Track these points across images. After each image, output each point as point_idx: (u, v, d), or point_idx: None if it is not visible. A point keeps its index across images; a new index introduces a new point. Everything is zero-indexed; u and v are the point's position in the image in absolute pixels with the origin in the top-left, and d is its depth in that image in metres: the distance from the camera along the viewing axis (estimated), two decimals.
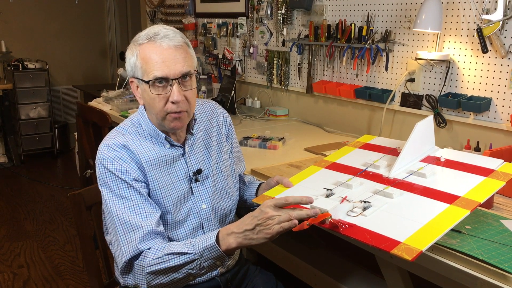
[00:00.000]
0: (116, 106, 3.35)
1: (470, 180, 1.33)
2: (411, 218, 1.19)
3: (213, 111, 1.58)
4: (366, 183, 1.40)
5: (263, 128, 2.89)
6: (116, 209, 1.31)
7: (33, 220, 3.73)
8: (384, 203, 1.28)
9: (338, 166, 1.56)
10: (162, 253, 1.25)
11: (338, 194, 1.35)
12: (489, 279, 1.16)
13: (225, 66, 3.73)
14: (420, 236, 1.12)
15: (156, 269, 1.24)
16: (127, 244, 1.28)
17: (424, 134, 1.50)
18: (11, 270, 2.98)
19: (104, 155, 1.34)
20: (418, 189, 1.32)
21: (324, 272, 2.06)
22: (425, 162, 1.46)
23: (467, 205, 1.21)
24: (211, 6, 3.85)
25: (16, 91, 4.91)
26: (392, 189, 1.33)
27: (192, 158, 1.46)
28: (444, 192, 1.28)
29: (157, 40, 1.30)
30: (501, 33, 2.01)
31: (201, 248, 1.21)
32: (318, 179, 1.49)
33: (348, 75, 2.75)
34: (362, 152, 1.62)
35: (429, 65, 2.31)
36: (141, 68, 1.31)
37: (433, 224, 1.16)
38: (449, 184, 1.33)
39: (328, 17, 2.81)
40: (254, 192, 1.61)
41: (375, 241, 1.13)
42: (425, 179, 1.37)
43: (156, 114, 1.35)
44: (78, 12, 5.71)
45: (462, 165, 1.41)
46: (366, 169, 1.48)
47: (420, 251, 1.06)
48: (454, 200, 1.24)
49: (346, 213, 1.25)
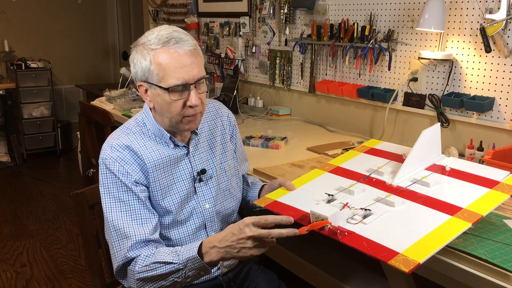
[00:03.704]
0: (119, 105, 3.35)
1: (474, 191, 1.31)
2: (411, 229, 1.18)
3: (217, 111, 1.58)
4: (368, 190, 1.39)
5: (266, 127, 2.88)
6: (111, 215, 1.32)
7: (36, 219, 3.74)
8: (385, 211, 1.27)
9: (342, 170, 1.55)
10: (150, 261, 1.27)
11: (339, 199, 1.35)
12: (492, 278, 1.16)
13: (227, 66, 3.73)
14: (419, 247, 1.11)
15: (144, 276, 1.28)
16: (119, 251, 1.32)
17: (430, 141, 1.48)
18: (14, 269, 2.99)
19: (107, 155, 1.34)
20: (420, 198, 1.31)
21: (326, 271, 2.06)
22: (430, 171, 1.44)
23: (469, 218, 1.20)
24: (213, 6, 3.85)
25: (19, 90, 4.92)
26: (394, 197, 1.32)
27: (196, 158, 1.46)
28: (446, 203, 1.27)
29: (172, 45, 1.29)
30: (504, 32, 2.00)
31: (184, 259, 1.23)
32: (320, 183, 1.48)
33: (351, 74, 2.75)
34: (367, 157, 1.61)
35: (432, 64, 2.30)
36: (157, 75, 1.30)
37: (432, 236, 1.15)
38: (453, 194, 1.31)
39: (330, 16, 2.81)
40: (257, 194, 1.61)
41: (373, 250, 1.12)
42: (429, 188, 1.35)
43: (172, 118, 1.35)
44: (81, 11, 5.72)
45: (467, 176, 1.39)
46: (369, 175, 1.47)
47: (418, 263, 1.05)
48: (456, 212, 1.23)
49: (346, 220, 1.24)
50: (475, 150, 2.04)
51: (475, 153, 2.03)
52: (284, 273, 2.12)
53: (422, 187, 1.36)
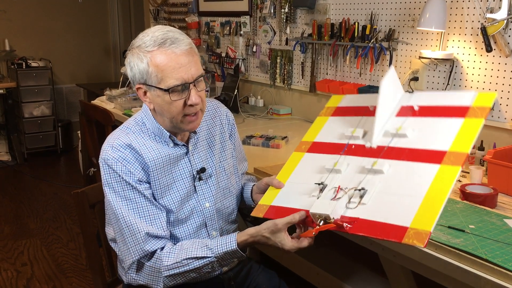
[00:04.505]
0: (120, 105, 3.35)
1: (450, 126, 1.27)
2: (409, 193, 1.17)
3: (216, 110, 1.58)
4: (352, 162, 1.35)
5: (266, 127, 2.89)
6: (122, 211, 1.33)
7: (37, 218, 3.74)
8: (378, 182, 1.24)
9: (319, 146, 1.50)
10: (181, 257, 1.30)
11: (330, 184, 1.32)
12: (492, 278, 1.16)
13: (228, 65, 3.73)
14: (424, 214, 1.10)
15: (175, 272, 1.31)
16: (134, 246, 1.33)
17: (391, 87, 1.43)
18: (15, 268, 2.99)
19: (109, 156, 1.34)
20: (404, 154, 1.28)
21: (327, 271, 2.06)
22: (401, 116, 1.39)
23: (456, 161, 1.18)
24: (214, 5, 3.85)
25: (19, 89, 4.92)
26: (380, 162, 1.28)
27: (196, 157, 1.46)
28: (430, 151, 1.24)
29: (168, 46, 1.29)
30: (505, 32, 2.00)
31: (221, 252, 1.29)
32: (305, 169, 1.45)
33: (352, 74, 2.75)
34: (336, 120, 1.55)
35: (433, 64, 2.30)
36: (156, 76, 1.30)
37: (430, 195, 1.13)
38: (432, 138, 1.28)
39: (331, 15, 2.80)
40: (249, 194, 1.61)
41: (383, 233, 1.11)
42: (407, 139, 1.31)
43: (172, 118, 1.35)
44: (81, 10, 5.72)
45: (437, 110, 1.35)
46: (347, 143, 1.42)
47: (429, 232, 1.05)
48: (442, 158, 1.20)
49: (346, 206, 1.23)
50: (475, 150, 2.04)
51: (476, 152, 2.03)
52: (285, 272, 2.12)
53: (401, 140, 1.32)
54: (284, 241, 1.25)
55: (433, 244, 1.29)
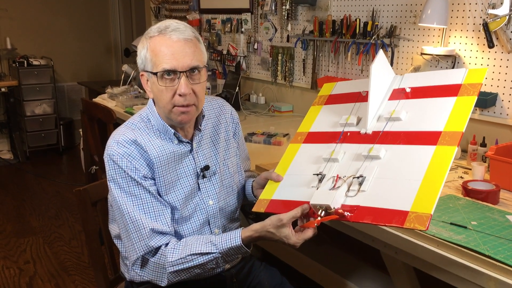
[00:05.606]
0: (121, 103, 3.35)
1: (443, 106, 1.27)
2: (407, 177, 1.17)
3: (221, 108, 1.58)
4: (349, 150, 1.35)
5: (268, 124, 2.88)
6: (127, 207, 1.33)
7: (39, 216, 3.75)
8: (375, 168, 1.24)
9: (315, 136, 1.50)
10: (185, 253, 1.30)
11: (328, 174, 1.32)
12: (495, 274, 1.16)
13: (229, 62, 3.73)
14: (423, 196, 1.10)
15: (180, 268, 1.31)
16: (139, 241, 1.32)
17: (382, 71, 1.43)
18: (17, 266, 3.00)
19: (114, 152, 1.34)
20: (399, 138, 1.28)
21: (329, 268, 2.06)
22: (394, 100, 1.39)
23: (451, 140, 1.17)
24: (215, 2, 3.85)
25: (21, 87, 4.93)
26: (376, 148, 1.28)
27: (200, 154, 1.46)
28: (425, 132, 1.24)
29: (167, 33, 1.30)
30: (507, 27, 1.99)
31: (225, 248, 1.29)
32: (302, 160, 1.45)
33: (353, 70, 2.74)
34: (330, 109, 1.55)
35: (434, 60, 2.29)
36: (150, 61, 1.32)
37: (429, 177, 1.13)
38: (426, 119, 1.27)
39: (333, 12, 2.80)
40: (250, 191, 1.61)
41: (384, 219, 1.11)
42: (402, 122, 1.31)
43: (163, 107, 1.35)
44: (83, 9, 5.72)
45: (429, 90, 1.34)
46: (343, 131, 1.42)
47: (430, 214, 1.05)
48: (437, 139, 1.20)
49: (345, 194, 1.22)
50: (477, 146, 2.04)
51: (478, 149, 2.02)
52: (287, 269, 2.12)
53: (395, 124, 1.32)
54: (289, 235, 1.25)
55: (435, 240, 1.28)
